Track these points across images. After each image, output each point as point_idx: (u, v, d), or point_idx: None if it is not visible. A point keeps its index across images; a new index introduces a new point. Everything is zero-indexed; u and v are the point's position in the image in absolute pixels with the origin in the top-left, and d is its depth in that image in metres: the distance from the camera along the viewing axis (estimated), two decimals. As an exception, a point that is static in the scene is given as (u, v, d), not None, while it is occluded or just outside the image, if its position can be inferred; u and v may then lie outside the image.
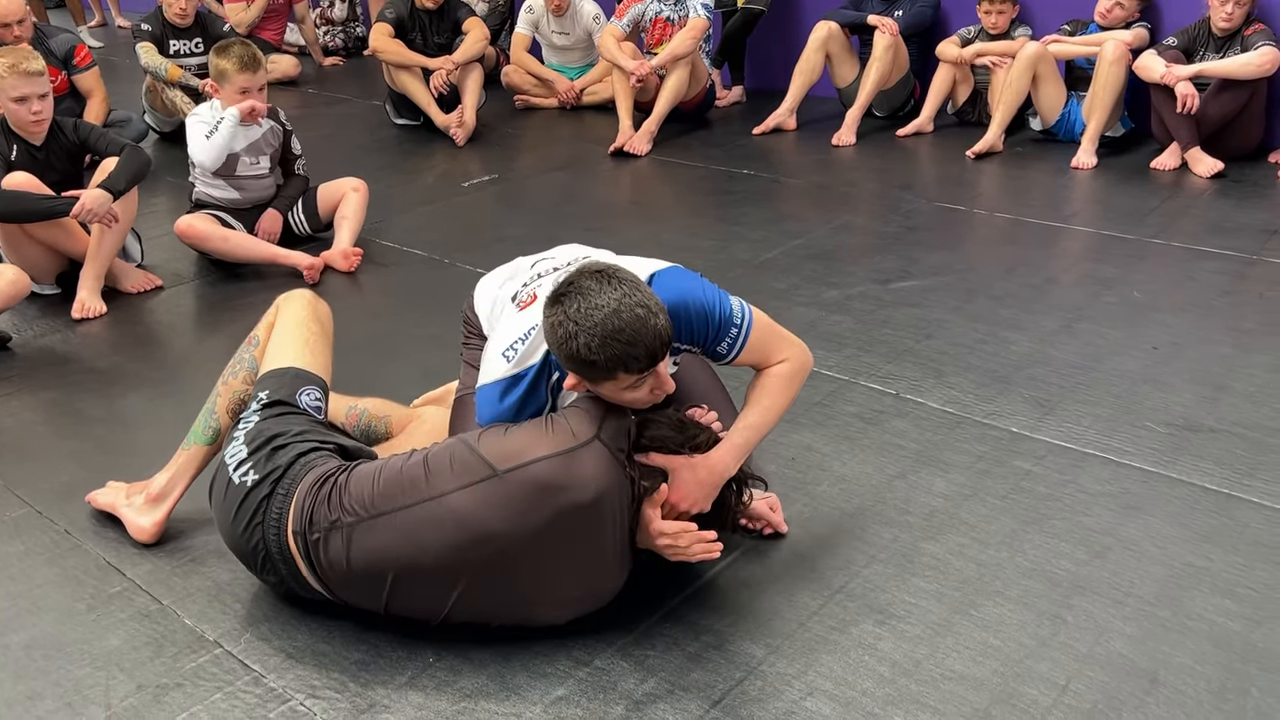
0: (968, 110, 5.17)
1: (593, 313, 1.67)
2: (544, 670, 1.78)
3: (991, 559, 2.03)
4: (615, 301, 1.67)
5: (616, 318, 1.67)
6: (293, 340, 2.10)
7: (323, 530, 1.75)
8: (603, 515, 1.74)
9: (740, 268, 3.53)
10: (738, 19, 5.62)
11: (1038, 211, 3.99)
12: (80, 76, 4.84)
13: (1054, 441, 2.42)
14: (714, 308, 1.88)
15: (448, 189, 4.58)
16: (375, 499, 1.75)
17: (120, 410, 2.74)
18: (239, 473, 1.85)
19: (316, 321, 2.16)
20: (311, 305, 2.19)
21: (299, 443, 1.87)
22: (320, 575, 1.79)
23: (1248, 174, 4.30)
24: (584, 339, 1.68)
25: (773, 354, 1.95)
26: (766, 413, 1.92)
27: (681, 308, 1.85)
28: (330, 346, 2.18)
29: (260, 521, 1.81)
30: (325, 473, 1.81)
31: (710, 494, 1.84)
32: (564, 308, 1.70)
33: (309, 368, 2.05)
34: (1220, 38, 4.28)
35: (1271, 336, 2.90)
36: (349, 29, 7.68)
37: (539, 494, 1.70)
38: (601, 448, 1.74)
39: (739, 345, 1.91)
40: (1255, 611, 1.87)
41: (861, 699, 1.70)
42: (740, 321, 1.90)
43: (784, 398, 1.95)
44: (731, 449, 1.86)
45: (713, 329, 1.89)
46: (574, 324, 1.68)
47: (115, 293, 3.46)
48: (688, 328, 1.88)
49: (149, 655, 1.85)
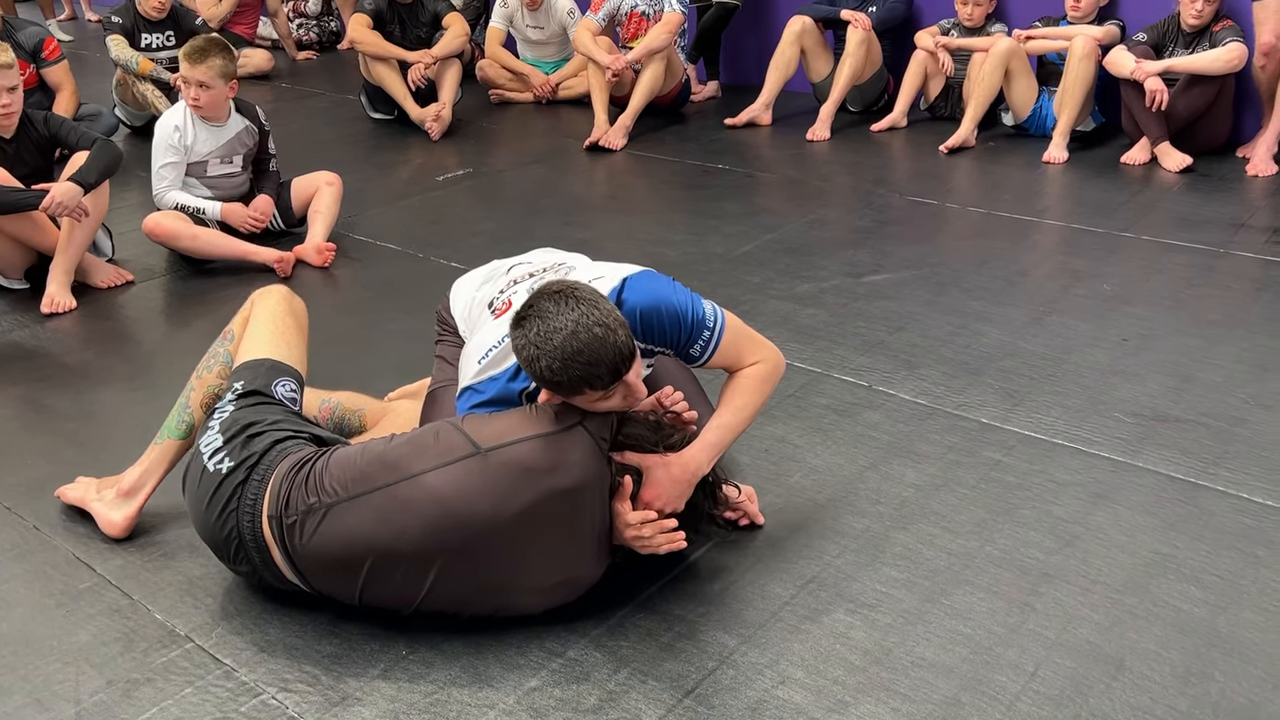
0: (940, 105, 5.20)
1: (552, 336, 1.68)
2: (517, 661, 1.78)
3: (962, 548, 2.05)
4: (573, 323, 1.68)
5: (575, 339, 1.68)
6: (268, 333, 2.09)
7: (299, 513, 1.75)
8: (583, 502, 1.75)
9: (715, 262, 3.54)
10: (712, 13, 5.62)
11: (1009, 205, 4.02)
12: (49, 70, 4.78)
13: (1024, 432, 2.45)
14: (687, 311, 1.89)
15: (422, 183, 4.57)
16: (355, 479, 1.75)
17: (90, 405, 2.72)
18: (214, 460, 1.84)
19: (292, 316, 2.16)
20: (287, 300, 2.18)
21: (274, 431, 1.86)
22: (294, 562, 1.78)
23: (1216, 168, 4.35)
24: (546, 362, 1.70)
25: (746, 356, 1.97)
26: (740, 412, 1.94)
27: (654, 311, 1.87)
28: (306, 340, 2.17)
29: (235, 508, 1.80)
30: (303, 457, 1.80)
31: (684, 492, 1.85)
32: (525, 331, 1.72)
33: (284, 360, 2.04)
34: (1189, 34, 4.32)
35: (1237, 328, 2.94)
36: (323, 23, 7.64)
37: (523, 475, 1.71)
38: (586, 434, 1.75)
39: (712, 348, 1.93)
40: (1219, 598, 1.89)
41: (833, 687, 1.72)
42: (713, 325, 1.92)
43: (757, 398, 1.96)
44: (705, 447, 1.87)
45: (685, 331, 1.90)
46: (535, 347, 1.70)
47: (85, 288, 3.43)
48: (660, 330, 1.89)
49: (119, 650, 1.84)
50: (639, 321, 1.86)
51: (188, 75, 3.52)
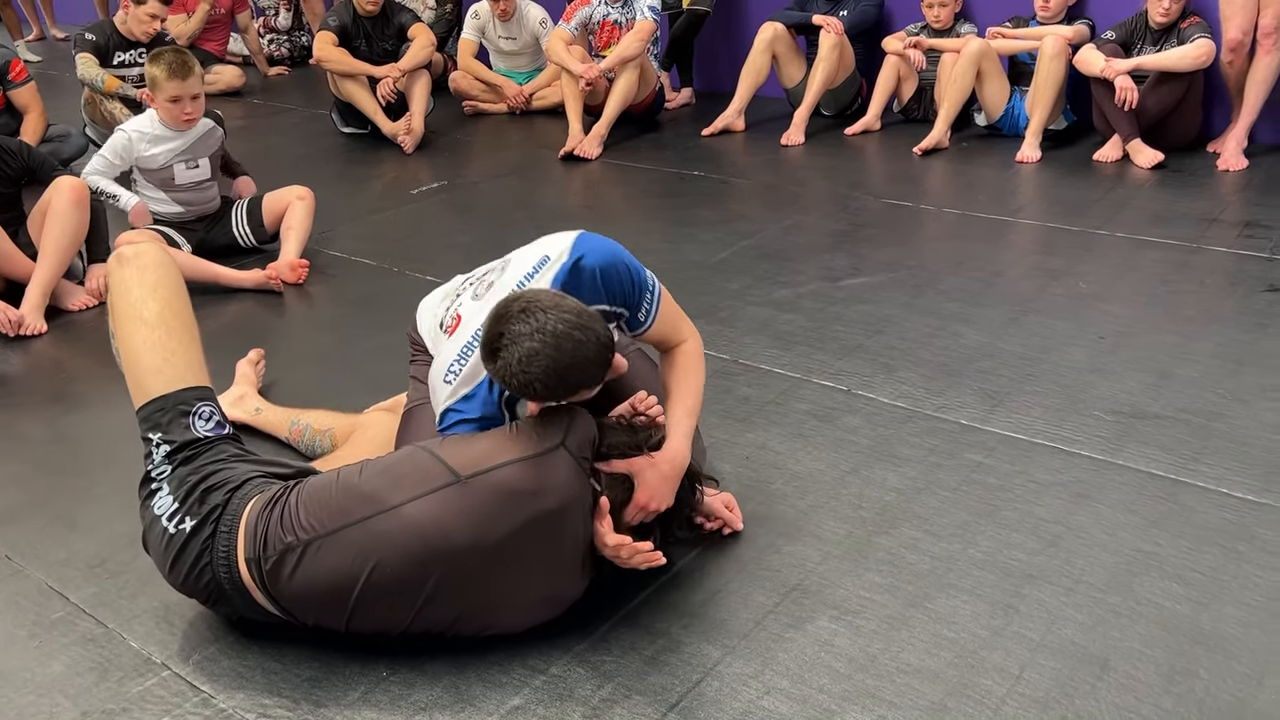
0: (913, 107, 5.22)
1: (534, 360, 1.65)
2: (499, 680, 1.76)
3: (944, 551, 2.04)
4: (551, 339, 1.64)
5: (559, 355, 1.65)
6: (148, 352, 1.85)
7: (278, 552, 1.71)
8: (566, 522, 1.73)
9: (692, 269, 3.53)
10: (682, 21, 5.63)
11: (984, 206, 4.03)
12: (16, 92, 4.74)
13: (1004, 433, 2.45)
14: (635, 270, 1.92)
15: (396, 197, 4.54)
16: (332, 515, 1.71)
17: (62, 430, 2.68)
18: (174, 523, 1.77)
19: (156, 300, 1.87)
20: (152, 284, 1.87)
21: (230, 481, 1.79)
22: (278, 601, 1.75)
23: (1187, 164, 4.38)
24: (540, 385, 1.68)
25: (680, 327, 2.00)
26: (695, 394, 1.97)
27: (612, 266, 1.87)
28: (188, 322, 1.90)
29: (208, 561, 1.75)
30: (274, 495, 1.76)
31: (674, 485, 1.85)
32: (505, 360, 1.67)
33: (183, 383, 1.84)
34: (1157, 31, 4.35)
35: (1213, 323, 2.95)
36: (294, 38, 7.60)
37: (506, 500, 1.68)
38: (568, 455, 1.73)
39: (654, 312, 1.94)
40: (1202, 595, 1.89)
41: (818, 696, 1.70)
42: (653, 287, 1.95)
43: (701, 376, 1.99)
44: (682, 438, 1.87)
45: (636, 289, 1.91)
46: (524, 373, 1.66)
47: (58, 311, 3.39)
48: (620, 287, 1.89)
49: (94, 680, 1.80)
50: (600, 280, 1.85)
51: (180, 92, 3.47)
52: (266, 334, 3.20)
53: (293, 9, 7.54)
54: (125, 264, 1.92)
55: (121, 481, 2.30)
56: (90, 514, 2.28)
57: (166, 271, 1.92)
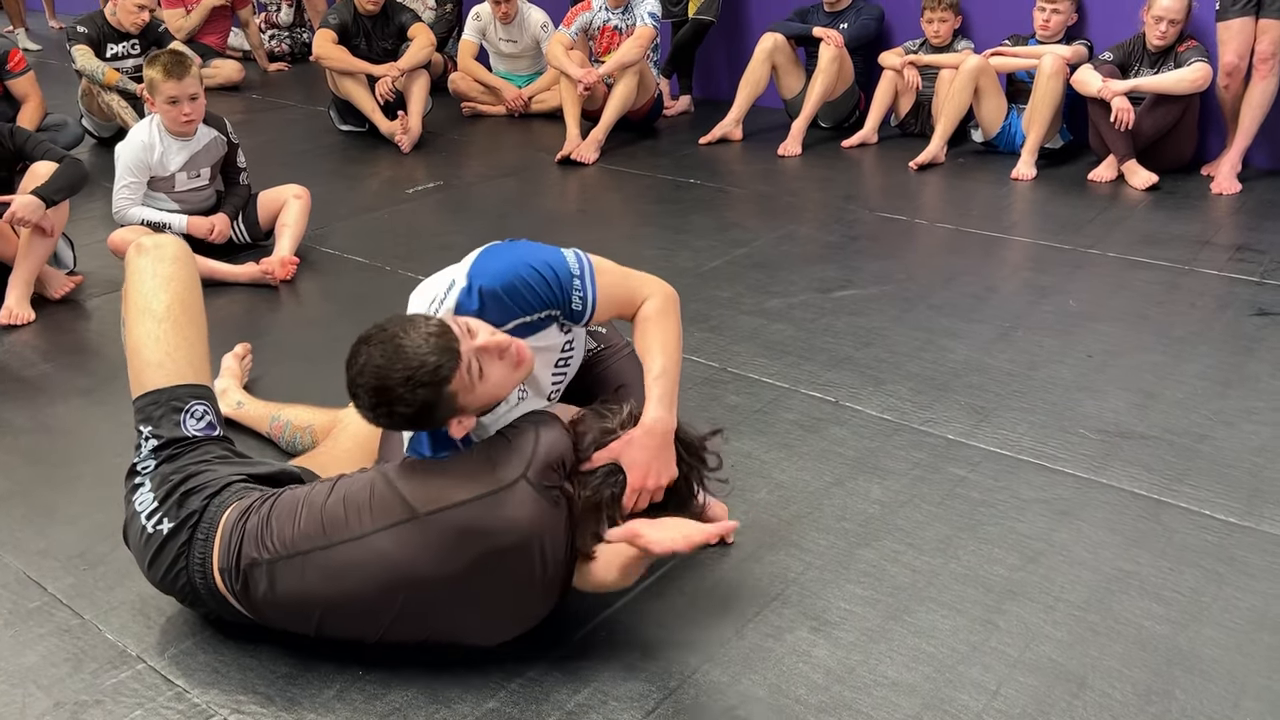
0: (910, 122, 5.23)
1: (360, 388, 1.68)
2: (475, 682, 1.75)
3: (926, 565, 2.04)
4: (371, 372, 1.66)
5: (379, 384, 1.65)
6: (151, 345, 1.84)
7: (247, 567, 1.71)
8: (531, 553, 1.69)
9: (685, 276, 3.53)
10: (687, 29, 5.64)
11: (978, 222, 4.04)
12: (15, 81, 4.73)
13: (989, 448, 2.45)
14: (546, 270, 1.82)
15: (392, 196, 4.54)
16: (296, 538, 1.70)
17: (48, 420, 2.67)
18: (152, 521, 1.77)
19: (167, 293, 1.86)
20: (166, 277, 1.87)
21: (209, 482, 1.79)
22: (250, 608, 1.75)
23: (1181, 186, 4.39)
24: (378, 417, 1.70)
25: (634, 296, 1.89)
26: (667, 351, 1.84)
27: (511, 284, 1.81)
28: (197, 319, 1.90)
29: (184, 566, 1.75)
30: (249, 506, 1.75)
31: (667, 455, 1.76)
32: (350, 387, 1.71)
33: (181, 380, 1.84)
34: (1154, 53, 4.37)
35: (1201, 344, 2.96)
36: (295, 34, 7.60)
37: (461, 538, 1.66)
38: (527, 488, 1.68)
39: (591, 297, 1.85)
40: (1181, 615, 1.90)
41: (795, 706, 1.70)
42: (580, 272, 1.84)
43: (672, 331, 1.87)
44: (657, 402, 1.78)
45: (556, 289, 1.83)
46: (357, 400, 1.71)
47: (44, 300, 3.38)
48: (531, 296, 1.82)
49: (68, 672, 1.79)
50: (507, 297, 1.80)
51: (178, 92, 3.44)
52: (254, 329, 3.19)
53: (294, 5, 7.53)
54: (143, 254, 1.91)
55: (104, 473, 2.30)
56: (71, 505, 2.27)
57: (182, 266, 1.91)
